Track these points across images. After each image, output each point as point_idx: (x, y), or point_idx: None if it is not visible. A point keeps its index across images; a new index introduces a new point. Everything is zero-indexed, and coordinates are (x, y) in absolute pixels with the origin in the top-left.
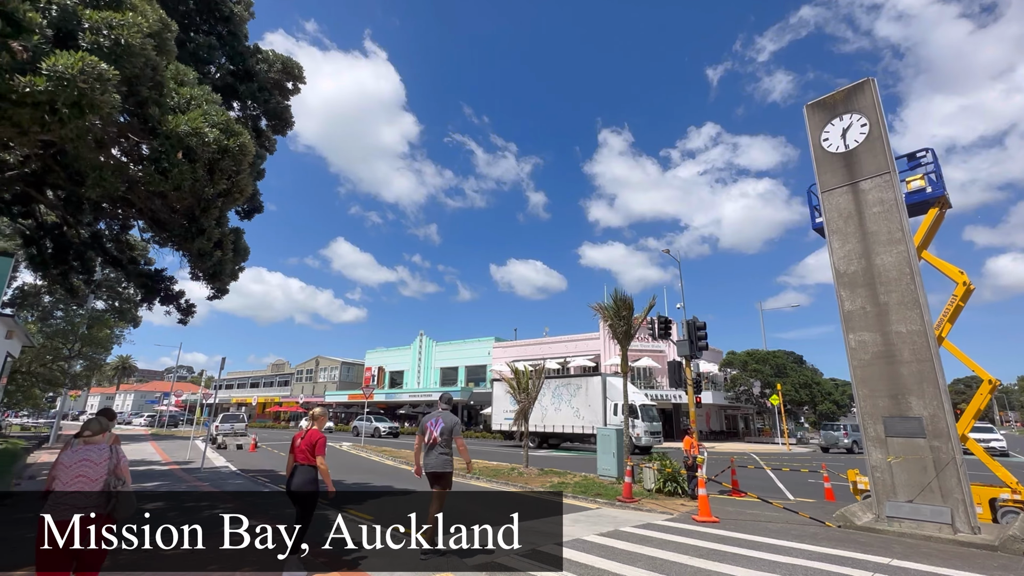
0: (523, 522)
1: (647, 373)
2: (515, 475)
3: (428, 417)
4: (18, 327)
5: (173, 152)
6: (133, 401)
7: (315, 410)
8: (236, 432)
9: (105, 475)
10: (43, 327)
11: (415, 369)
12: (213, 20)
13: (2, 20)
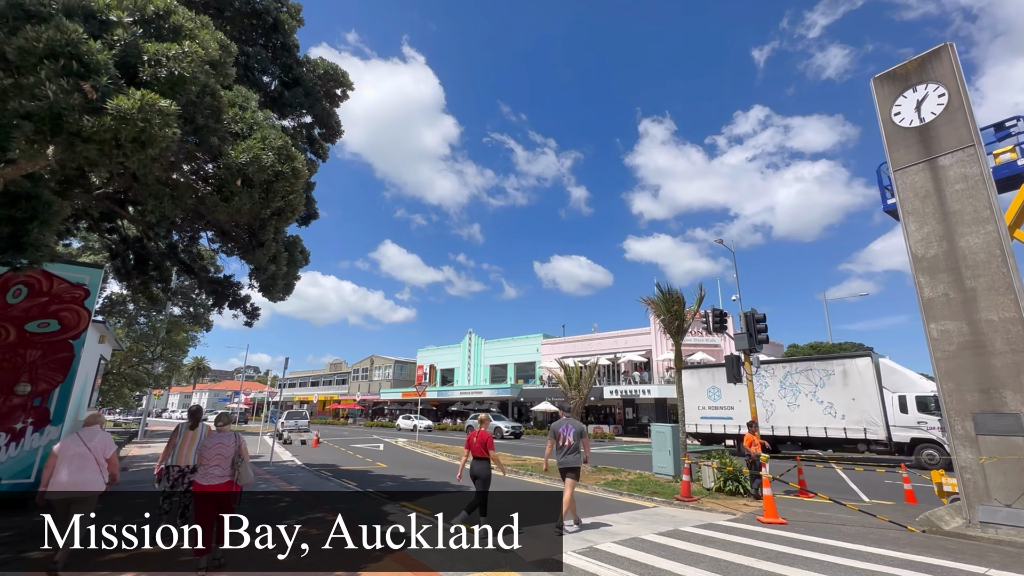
0: (583, 518)
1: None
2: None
3: (559, 424)
4: (109, 332)
5: (233, 180)
6: (208, 399)
7: (481, 415)
8: (300, 428)
9: (233, 454)
10: (129, 332)
11: (465, 367)
12: (262, 29)
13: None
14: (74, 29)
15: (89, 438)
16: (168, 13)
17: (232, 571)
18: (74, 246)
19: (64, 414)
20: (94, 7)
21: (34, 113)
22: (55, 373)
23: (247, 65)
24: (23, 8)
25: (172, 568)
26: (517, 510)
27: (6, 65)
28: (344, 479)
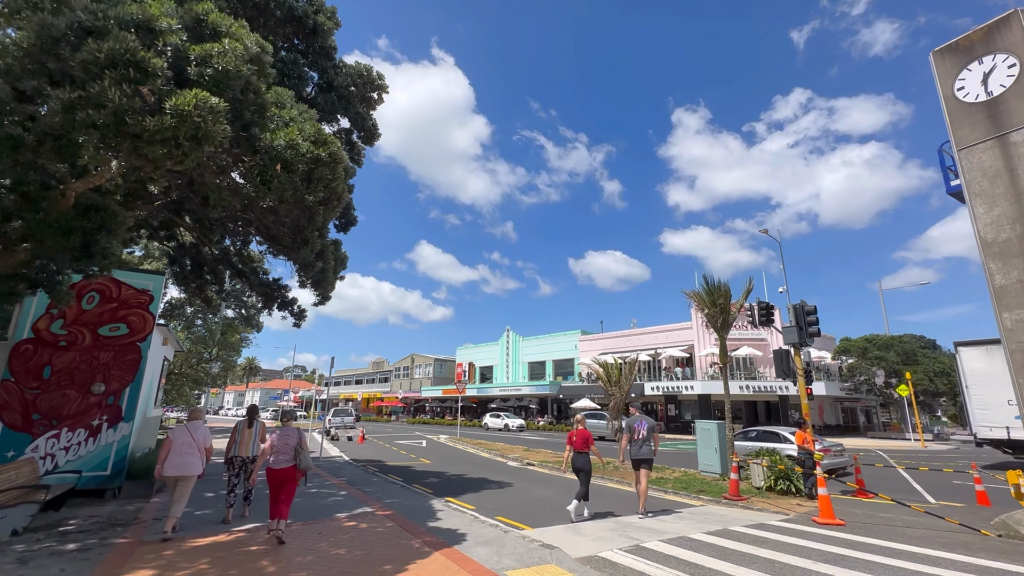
0: (623, 517)
1: (747, 363)
2: (610, 470)
3: (633, 419)
4: (171, 335)
5: (272, 165)
6: (259, 398)
7: (577, 416)
8: (346, 425)
9: (296, 444)
10: (188, 334)
11: (503, 364)
12: (302, 34)
13: (133, 69)
14: (131, 39)
15: (194, 430)
16: (207, 15)
17: (293, 557)
18: (137, 254)
19: (134, 412)
20: (145, 17)
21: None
22: (125, 373)
23: (285, 72)
24: (83, 25)
25: (240, 546)
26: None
27: (71, 79)
28: (390, 475)
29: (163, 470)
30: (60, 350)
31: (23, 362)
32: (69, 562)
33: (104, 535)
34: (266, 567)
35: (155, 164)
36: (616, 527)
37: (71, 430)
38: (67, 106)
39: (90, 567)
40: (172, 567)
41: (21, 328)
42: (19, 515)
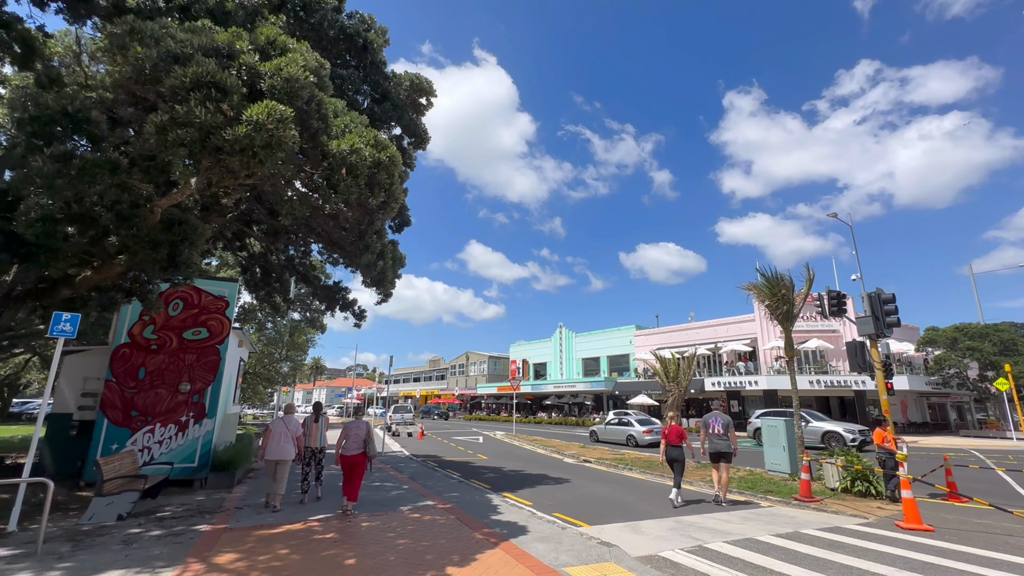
0: (684, 516)
1: (816, 356)
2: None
3: (709, 416)
4: (245, 337)
5: (338, 170)
6: (325, 395)
7: (670, 412)
8: (406, 421)
9: (365, 435)
10: (260, 336)
11: (557, 360)
12: (354, 51)
13: (214, 89)
14: (210, 63)
15: (288, 422)
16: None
17: (362, 546)
18: (213, 264)
19: (216, 409)
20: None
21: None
22: (207, 374)
23: (342, 87)
24: (171, 54)
25: (312, 535)
26: (628, 503)
27: (163, 103)
28: (448, 470)
29: (265, 455)
30: (152, 353)
31: (122, 364)
32: (166, 545)
33: (194, 521)
34: (337, 555)
35: (235, 174)
36: (677, 527)
37: (163, 425)
38: (160, 128)
39: (184, 550)
40: (254, 552)
41: (119, 333)
42: (123, 502)
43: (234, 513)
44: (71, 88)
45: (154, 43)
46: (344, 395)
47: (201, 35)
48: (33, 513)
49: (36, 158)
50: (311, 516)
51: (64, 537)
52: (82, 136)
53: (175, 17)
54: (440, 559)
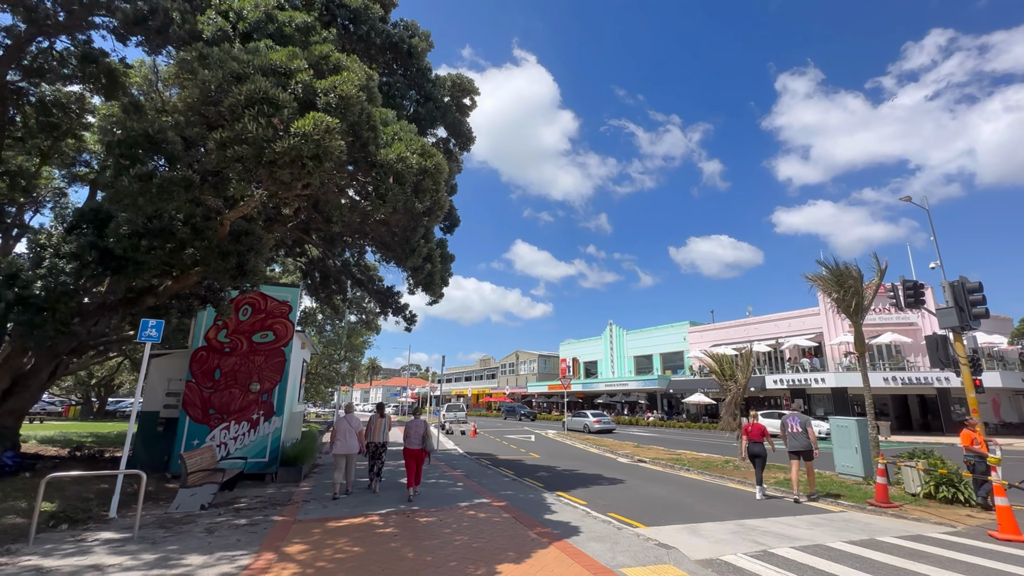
0: (747, 520)
1: (891, 351)
2: (730, 468)
3: (787, 416)
4: (308, 340)
5: (386, 178)
6: (381, 394)
7: (752, 411)
8: (458, 420)
9: (423, 431)
10: (320, 339)
11: (608, 358)
12: (400, 58)
13: (266, 105)
14: (263, 80)
15: (350, 420)
16: (328, 55)
17: (420, 540)
18: (276, 271)
19: (283, 407)
20: (279, 62)
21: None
22: (274, 374)
23: (389, 93)
24: (234, 74)
25: (374, 529)
26: (686, 505)
27: (224, 121)
28: (502, 468)
29: (334, 450)
30: (225, 355)
31: (200, 366)
32: (243, 534)
33: (267, 512)
34: (397, 548)
35: (287, 186)
36: (739, 530)
37: (237, 423)
38: (220, 144)
39: (259, 539)
40: (320, 544)
41: (197, 338)
42: (205, 493)
43: (302, 506)
44: (150, 113)
45: (219, 66)
46: (399, 394)
47: (260, 56)
48: (129, 502)
49: (123, 179)
50: (372, 511)
51: (156, 524)
52: (160, 156)
53: (239, 43)
54: (496, 556)
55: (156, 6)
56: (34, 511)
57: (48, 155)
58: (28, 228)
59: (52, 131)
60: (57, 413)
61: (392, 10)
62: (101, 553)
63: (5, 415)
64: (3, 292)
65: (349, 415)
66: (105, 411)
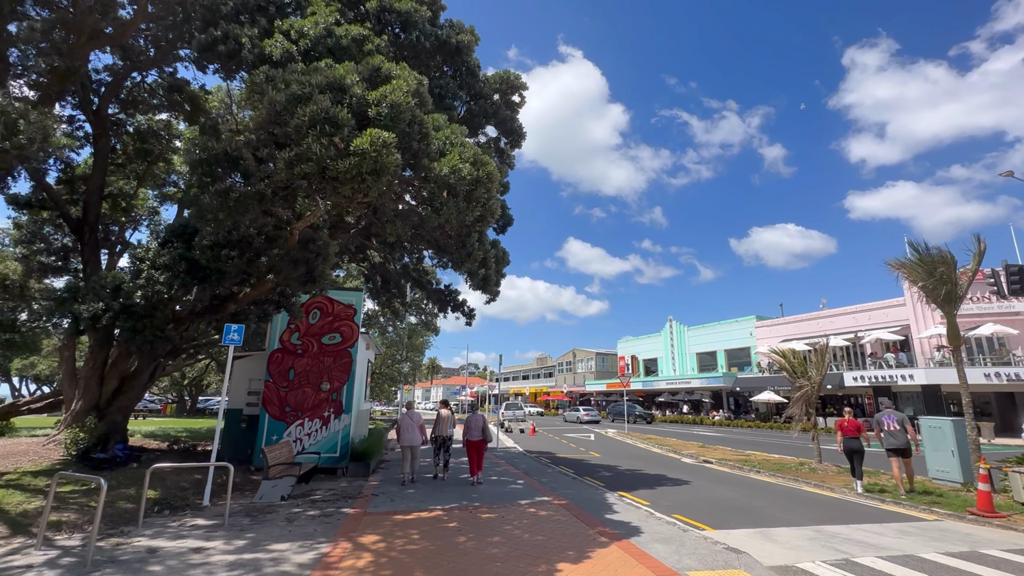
0: (827, 525)
1: (994, 344)
2: (805, 471)
3: (882, 414)
4: (372, 341)
5: (440, 192)
6: (442, 392)
7: (847, 408)
8: (517, 418)
9: (482, 424)
10: (383, 340)
11: (668, 356)
12: (448, 56)
13: (328, 125)
14: (324, 100)
15: (412, 416)
16: (380, 66)
17: (483, 535)
18: (341, 276)
19: (351, 405)
20: (337, 78)
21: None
22: (342, 374)
23: (440, 95)
24: (296, 96)
25: (439, 523)
26: (757, 508)
27: (290, 140)
28: (562, 466)
29: (400, 442)
30: (298, 357)
31: (276, 367)
32: (320, 524)
33: (340, 504)
34: (463, 542)
35: (349, 200)
36: (817, 536)
37: (310, 420)
38: (288, 163)
39: (333, 529)
40: (391, 535)
41: (273, 340)
42: (284, 485)
43: (371, 499)
44: (226, 133)
45: (283, 87)
46: (459, 392)
47: (318, 74)
48: (218, 491)
49: (205, 195)
50: (437, 505)
51: (243, 512)
52: (236, 173)
53: (302, 61)
54: (557, 553)
55: (227, 32)
56: (142, 498)
57: (143, 178)
58: (128, 244)
59: (146, 156)
60: (156, 410)
61: (441, 13)
62: (198, 537)
63: (115, 412)
64: (110, 302)
65: (411, 412)
66: (196, 408)
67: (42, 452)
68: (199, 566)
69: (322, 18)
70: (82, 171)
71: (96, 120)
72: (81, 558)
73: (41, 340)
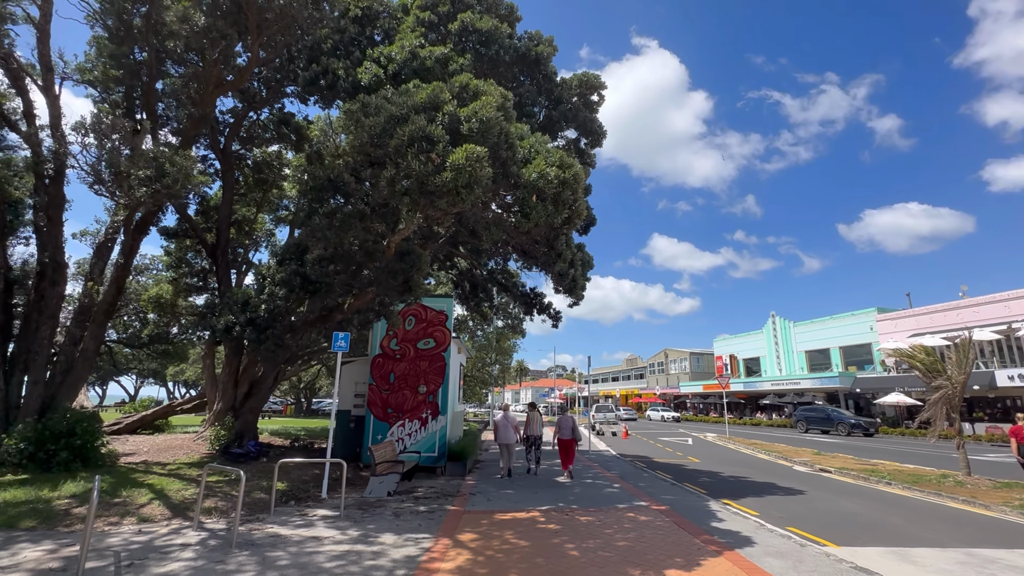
0: (981, 549)
1: None
2: (949, 484)
3: None
4: (463, 345)
5: (529, 197)
6: (531, 395)
7: (1019, 415)
8: (608, 421)
9: (572, 424)
10: (472, 343)
11: (772, 354)
12: (527, 67)
13: (425, 142)
14: (420, 120)
15: (507, 417)
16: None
17: (582, 539)
18: (430, 283)
19: (446, 407)
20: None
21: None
22: (437, 377)
23: (520, 104)
24: (393, 117)
25: (535, 524)
26: (891, 525)
27: (389, 160)
28: (658, 471)
29: (497, 440)
30: (397, 361)
31: (377, 371)
32: (424, 520)
33: (440, 502)
34: (560, 545)
35: (445, 213)
36: (969, 560)
37: (410, 421)
38: (389, 181)
39: (435, 525)
40: (489, 534)
41: (374, 346)
42: (390, 481)
43: (469, 498)
44: (327, 159)
45: (377, 111)
46: (547, 395)
47: (411, 96)
48: (333, 485)
49: (315, 217)
50: (533, 506)
51: (356, 506)
52: (339, 195)
53: (391, 84)
54: (662, 561)
55: (326, 67)
56: (272, 490)
57: (261, 205)
58: (251, 264)
59: (262, 185)
60: (278, 411)
61: (518, 24)
62: (319, 527)
63: (247, 412)
64: (239, 316)
65: (506, 413)
66: (310, 409)
67: (192, 446)
68: (318, 553)
69: (407, 42)
70: (214, 202)
71: (223, 157)
72: (226, 540)
73: (188, 350)
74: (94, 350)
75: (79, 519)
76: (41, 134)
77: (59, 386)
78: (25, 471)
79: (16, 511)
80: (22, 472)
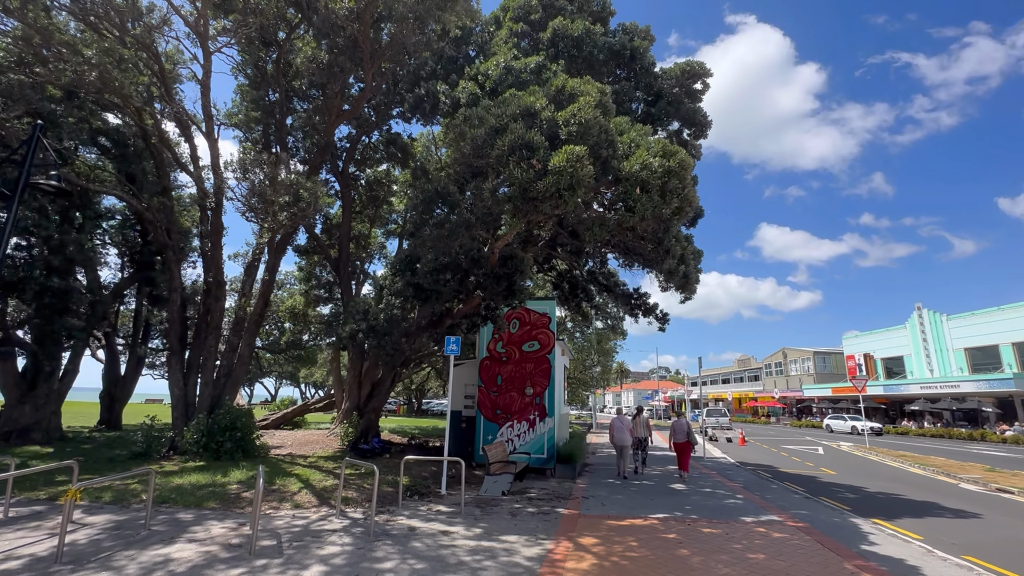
0: None
1: None
2: None
3: None
4: (566, 347)
5: (632, 190)
6: (633, 398)
7: None
8: (722, 426)
9: (687, 428)
10: (573, 345)
11: (920, 353)
12: (624, 63)
13: (524, 150)
14: (519, 128)
15: (622, 419)
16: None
17: (708, 552)
18: (530, 286)
19: (553, 409)
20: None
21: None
22: (543, 379)
23: (618, 100)
24: (493, 128)
25: (656, 532)
26: None
27: (491, 169)
28: (786, 482)
29: (613, 441)
30: (503, 364)
31: (485, 373)
32: (539, 521)
33: (553, 504)
34: (685, 557)
35: (547, 216)
36: None
37: (519, 422)
38: (492, 190)
39: (552, 527)
40: (609, 540)
41: (481, 349)
42: (503, 481)
43: (583, 502)
44: (432, 172)
45: (480, 123)
46: (651, 397)
47: (509, 105)
48: (449, 483)
49: (425, 228)
50: (650, 513)
51: (473, 503)
52: (444, 205)
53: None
54: None
55: (429, 90)
56: (399, 484)
57: (374, 220)
58: (367, 274)
59: (375, 202)
60: (393, 411)
61: (611, 19)
62: (443, 522)
63: (370, 411)
64: (360, 323)
65: (621, 416)
66: (421, 409)
67: (326, 442)
68: (449, 547)
69: (502, 58)
70: (335, 221)
71: (342, 179)
72: (365, 528)
73: (316, 354)
74: (248, 356)
75: (247, 502)
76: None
77: (223, 387)
78: (200, 459)
79: (201, 493)
80: (198, 460)
